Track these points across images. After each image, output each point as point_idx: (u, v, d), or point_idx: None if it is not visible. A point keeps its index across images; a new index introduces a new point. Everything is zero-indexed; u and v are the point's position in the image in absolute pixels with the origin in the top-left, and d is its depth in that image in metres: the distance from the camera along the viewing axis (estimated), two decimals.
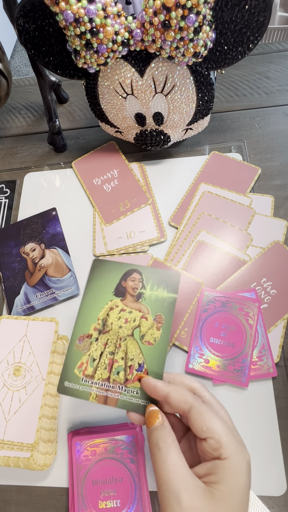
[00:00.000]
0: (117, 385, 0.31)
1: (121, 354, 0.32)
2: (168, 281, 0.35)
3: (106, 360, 0.32)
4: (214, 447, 0.25)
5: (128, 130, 0.49)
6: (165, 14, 0.34)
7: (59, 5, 0.34)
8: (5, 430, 0.35)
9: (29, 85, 0.66)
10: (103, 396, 0.31)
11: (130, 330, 0.33)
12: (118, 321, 0.34)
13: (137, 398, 0.30)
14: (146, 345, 0.32)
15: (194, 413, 0.26)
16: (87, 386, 0.31)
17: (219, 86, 0.58)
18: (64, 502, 0.36)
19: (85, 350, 0.33)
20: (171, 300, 0.34)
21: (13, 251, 0.49)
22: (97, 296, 0.35)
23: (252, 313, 0.40)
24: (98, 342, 0.33)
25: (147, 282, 0.35)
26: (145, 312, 0.34)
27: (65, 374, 0.32)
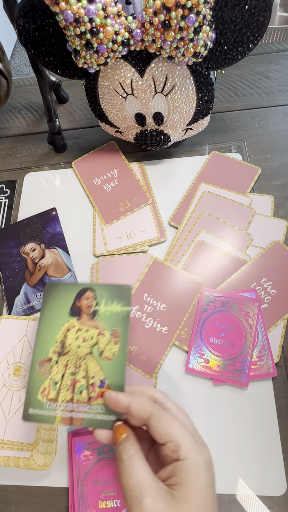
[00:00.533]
0: (81, 405, 0.31)
1: (82, 373, 0.33)
2: (121, 295, 0.35)
3: (68, 381, 0.32)
4: (173, 449, 0.26)
5: (128, 130, 0.49)
6: (165, 14, 0.34)
7: (59, 5, 0.34)
8: (5, 430, 0.35)
9: (29, 85, 0.66)
10: (68, 417, 0.31)
11: (88, 349, 0.34)
12: (76, 341, 0.34)
13: (101, 414, 0.31)
14: (105, 361, 0.33)
15: (153, 419, 0.27)
16: (51, 410, 0.31)
17: (219, 86, 0.58)
18: (64, 502, 0.36)
19: (46, 374, 0.33)
20: (125, 314, 0.34)
21: (13, 251, 0.49)
22: (54, 319, 0.35)
23: (252, 313, 0.40)
24: (58, 364, 0.33)
25: (101, 298, 0.35)
26: (101, 329, 0.34)
27: (29, 401, 0.32)
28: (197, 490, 0.25)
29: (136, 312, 0.42)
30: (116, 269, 0.46)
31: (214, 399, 0.38)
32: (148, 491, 0.25)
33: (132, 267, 0.45)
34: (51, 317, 0.35)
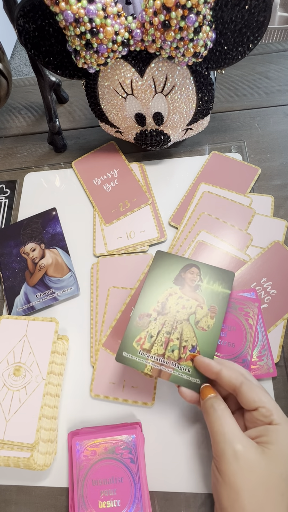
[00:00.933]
0: (171, 362, 0.34)
1: (177, 334, 0.35)
2: (223, 278, 0.38)
3: (162, 338, 0.35)
4: (266, 414, 0.28)
5: (128, 130, 0.49)
6: (165, 14, 0.34)
7: (59, 5, 0.34)
8: (5, 430, 0.35)
9: (29, 85, 0.66)
10: (158, 369, 0.34)
11: (186, 315, 0.36)
12: (176, 306, 0.37)
13: (188, 375, 0.33)
14: (200, 330, 0.35)
15: (246, 387, 0.29)
16: (143, 359, 0.35)
17: (219, 86, 0.58)
18: (64, 502, 0.36)
19: (144, 327, 0.36)
20: (225, 295, 0.38)
21: (13, 251, 0.49)
22: (159, 282, 0.38)
23: (252, 313, 0.40)
24: (157, 321, 0.36)
25: (204, 276, 0.38)
26: (200, 302, 0.37)
27: (124, 346, 0.35)
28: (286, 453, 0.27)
29: None
30: (116, 269, 0.46)
31: None
32: (241, 440, 0.27)
33: (132, 267, 0.45)
34: (156, 280, 0.39)
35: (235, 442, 0.27)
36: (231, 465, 0.26)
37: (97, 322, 0.43)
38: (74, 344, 0.43)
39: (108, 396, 0.39)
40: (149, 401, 0.38)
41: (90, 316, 0.44)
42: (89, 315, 0.44)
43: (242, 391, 0.29)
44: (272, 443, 0.27)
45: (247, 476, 0.26)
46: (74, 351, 0.43)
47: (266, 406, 0.28)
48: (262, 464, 0.26)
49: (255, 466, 0.26)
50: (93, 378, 0.40)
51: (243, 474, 0.26)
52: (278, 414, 0.28)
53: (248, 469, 0.26)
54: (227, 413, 0.29)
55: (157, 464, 0.36)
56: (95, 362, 0.41)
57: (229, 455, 0.26)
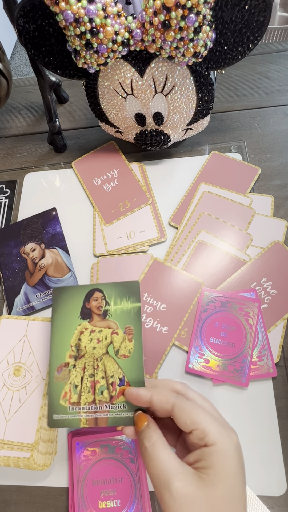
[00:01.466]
0: (104, 404, 0.32)
1: (101, 373, 0.33)
2: (129, 292, 0.36)
3: (87, 383, 0.33)
4: (200, 436, 0.26)
5: (128, 130, 0.49)
6: (165, 14, 0.34)
7: (59, 5, 0.34)
8: (5, 430, 0.35)
9: (29, 85, 0.66)
10: (93, 419, 0.32)
11: (104, 349, 0.34)
12: (91, 342, 0.34)
13: (125, 411, 0.31)
14: (122, 359, 0.33)
15: (177, 410, 0.27)
16: (75, 413, 0.32)
17: (219, 86, 0.58)
18: (64, 502, 0.36)
19: (66, 379, 0.33)
20: (136, 310, 0.35)
21: (13, 251, 0.49)
22: (65, 323, 0.35)
23: (252, 313, 0.40)
24: (76, 368, 0.34)
25: (110, 297, 0.36)
26: (114, 328, 0.34)
27: (52, 408, 0.33)
28: (226, 473, 0.25)
29: None
30: (116, 269, 0.46)
31: (214, 399, 0.38)
32: (176, 474, 0.25)
33: (132, 267, 0.45)
34: (62, 322, 0.36)
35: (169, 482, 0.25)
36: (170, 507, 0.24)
37: None
38: None
39: None
40: None
41: None
42: None
43: (175, 415, 0.27)
44: (209, 467, 0.25)
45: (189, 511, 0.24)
46: None
47: (199, 428, 0.26)
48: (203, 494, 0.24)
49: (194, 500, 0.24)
50: None
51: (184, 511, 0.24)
52: (213, 433, 0.26)
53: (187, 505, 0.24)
54: (158, 448, 0.27)
55: None
56: None
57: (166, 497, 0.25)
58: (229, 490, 0.25)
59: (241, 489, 0.25)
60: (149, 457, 0.26)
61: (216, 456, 0.25)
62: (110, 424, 0.31)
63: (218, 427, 0.26)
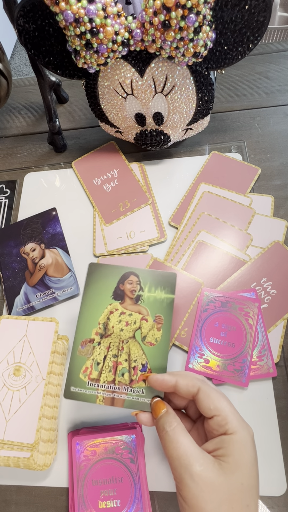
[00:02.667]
0: (123, 386, 0.32)
1: (125, 356, 0.33)
2: (165, 282, 0.36)
3: (110, 363, 0.33)
4: (221, 423, 0.27)
5: (128, 130, 0.49)
6: (165, 14, 0.34)
7: (59, 5, 0.34)
8: (5, 430, 0.35)
9: (29, 85, 0.66)
10: (110, 397, 0.32)
11: (131, 333, 0.34)
12: (119, 324, 0.35)
13: (143, 397, 0.32)
14: (148, 346, 0.33)
15: (202, 394, 0.28)
16: (93, 390, 0.33)
17: (219, 86, 0.58)
18: (64, 502, 0.36)
19: (89, 354, 0.34)
20: (169, 301, 0.35)
21: (13, 251, 0.49)
22: (96, 300, 0.36)
23: (252, 313, 0.40)
24: (101, 346, 0.34)
25: (145, 284, 0.36)
26: (144, 314, 0.35)
27: (71, 380, 0.33)
28: (244, 462, 0.26)
29: None
30: None
31: None
32: (197, 459, 0.26)
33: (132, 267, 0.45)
34: (93, 299, 0.36)
35: (190, 465, 0.26)
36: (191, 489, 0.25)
37: None
38: None
39: None
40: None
41: None
42: None
43: (199, 399, 0.28)
44: (228, 455, 0.26)
45: (208, 496, 0.25)
46: None
47: (221, 414, 0.27)
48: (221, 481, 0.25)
49: (215, 485, 0.25)
50: None
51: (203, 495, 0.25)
52: (234, 422, 0.27)
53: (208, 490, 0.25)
54: (179, 433, 0.28)
55: (157, 464, 0.36)
56: None
57: (186, 479, 0.25)
58: (246, 479, 0.26)
59: (256, 479, 0.27)
60: (170, 441, 0.27)
61: (235, 445, 0.26)
62: (126, 406, 0.32)
63: (238, 418, 0.28)
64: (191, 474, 0.25)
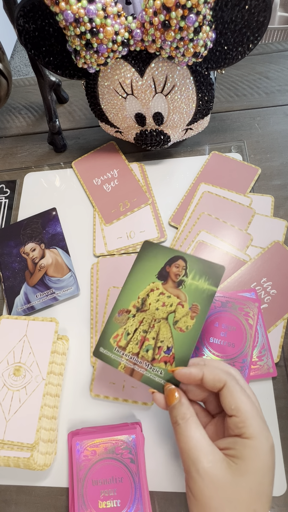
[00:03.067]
0: (144, 362, 0.33)
1: (153, 334, 0.34)
2: (211, 273, 0.35)
3: (138, 336, 0.34)
4: (238, 425, 0.27)
5: (128, 130, 0.49)
6: (165, 14, 0.34)
7: (59, 5, 0.34)
8: (5, 430, 0.35)
9: (29, 85, 0.66)
10: (130, 368, 0.34)
11: (165, 314, 0.35)
12: (156, 303, 0.35)
13: (160, 377, 0.32)
14: (177, 331, 0.34)
15: (226, 391, 0.28)
16: (118, 356, 0.34)
17: (219, 86, 0.58)
18: (64, 502, 0.36)
19: (122, 323, 0.35)
20: (210, 293, 0.34)
21: (13, 251, 0.49)
22: (142, 276, 0.37)
23: (252, 313, 0.40)
24: (135, 319, 0.35)
25: (190, 270, 0.36)
26: (182, 300, 0.35)
27: (102, 341, 0.35)
28: (256, 469, 0.26)
29: None
30: (116, 269, 0.46)
31: None
32: (206, 455, 0.26)
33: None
34: (140, 274, 0.37)
35: (198, 460, 0.26)
36: (197, 483, 0.25)
37: (97, 322, 0.43)
38: (74, 344, 0.43)
39: (108, 396, 0.39)
40: (149, 401, 0.38)
41: (90, 316, 0.44)
42: (89, 315, 0.44)
43: (222, 395, 0.28)
44: (239, 458, 0.26)
45: (213, 493, 0.25)
46: (74, 351, 0.43)
47: (240, 416, 0.27)
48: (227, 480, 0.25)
49: (221, 483, 0.25)
50: (93, 378, 0.40)
51: (209, 491, 0.25)
52: (253, 427, 0.26)
53: (213, 487, 0.25)
54: (191, 426, 0.27)
55: (157, 464, 0.36)
56: (95, 362, 0.41)
57: (193, 473, 0.26)
58: (255, 485, 0.25)
59: (269, 487, 0.26)
60: (182, 433, 0.27)
61: (249, 450, 0.26)
62: (143, 381, 0.33)
63: (259, 423, 0.27)
64: (198, 469, 0.25)
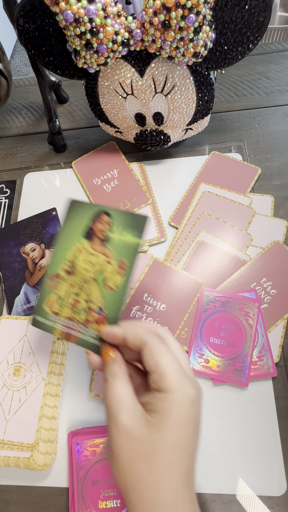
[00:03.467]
0: (79, 325, 0.33)
1: (84, 296, 0.33)
2: (135, 224, 0.34)
3: (70, 300, 0.34)
4: (156, 380, 0.27)
5: (128, 130, 0.49)
6: (165, 14, 0.34)
7: (59, 5, 0.34)
8: (5, 430, 0.35)
9: (29, 85, 0.66)
10: (66, 333, 0.33)
11: (94, 274, 0.34)
12: (85, 263, 0.34)
13: (95, 339, 0.32)
14: (107, 290, 0.33)
15: (146, 349, 0.28)
16: (53, 322, 0.34)
17: (219, 86, 0.58)
18: (64, 502, 0.36)
19: (54, 289, 0.34)
20: (135, 246, 0.33)
21: (13, 251, 0.49)
22: (69, 237, 0.35)
23: (252, 313, 0.40)
24: (65, 282, 0.34)
25: (115, 224, 0.34)
26: (109, 257, 0.34)
27: (37, 309, 0.34)
28: (172, 422, 0.25)
29: (136, 312, 0.42)
30: None
31: (214, 399, 0.38)
32: (125, 410, 0.26)
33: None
34: (67, 235, 0.35)
35: (117, 415, 0.26)
36: (114, 437, 0.26)
37: None
38: None
39: None
40: None
41: None
42: None
43: (142, 354, 0.28)
44: (155, 412, 0.26)
45: (128, 445, 0.25)
46: (74, 351, 0.43)
47: (158, 372, 0.26)
48: (144, 433, 0.25)
49: (136, 436, 0.25)
50: (93, 378, 0.40)
51: (124, 443, 0.25)
52: (171, 381, 0.26)
53: (129, 439, 0.25)
54: (118, 383, 0.27)
55: None
56: None
57: (112, 427, 0.26)
58: (172, 438, 0.25)
59: (189, 441, 0.26)
60: (108, 389, 0.27)
61: (166, 403, 0.26)
62: (79, 343, 0.32)
63: (178, 377, 0.27)
64: (117, 423, 0.26)
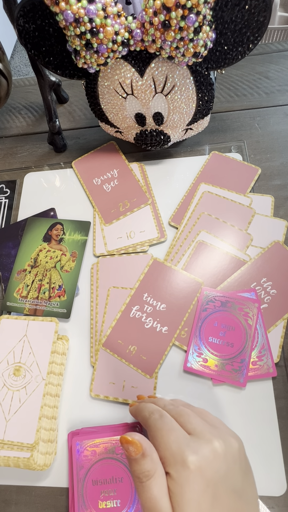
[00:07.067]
0: (43, 301, 0.44)
1: (47, 280, 0.45)
2: (81, 228, 0.49)
3: (36, 285, 0.45)
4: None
5: (128, 130, 0.49)
6: (165, 14, 0.34)
7: (59, 5, 0.34)
8: (5, 430, 0.35)
9: (29, 85, 0.66)
10: (33, 309, 0.44)
11: (53, 264, 0.46)
12: (45, 258, 0.47)
13: (57, 308, 0.44)
14: (64, 273, 0.46)
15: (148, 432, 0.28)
16: (22, 304, 0.45)
17: (219, 86, 0.58)
18: (64, 502, 0.36)
19: (22, 280, 0.46)
20: (83, 241, 0.48)
21: (12, 252, 0.49)
22: (31, 242, 0.49)
23: (252, 313, 0.40)
24: (31, 273, 0.46)
25: (67, 230, 0.49)
26: (64, 251, 0.47)
27: (7, 297, 0.45)
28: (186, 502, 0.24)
29: (136, 312, 0.42)
30: (116, 269, 0.46)
31: (214, 399, 0.38)
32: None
33: (132, 267, 0.45)
34: (29, 241, 0.49)
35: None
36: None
37: (97, 322, 0.43)
38: (74, 344, 0.43)
39: (108, 396, 0.39)
40: None
41: (90, 316, 0.44)
42: (89, 315, 0.44)
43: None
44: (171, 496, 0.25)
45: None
46: (74, 351, 0.43)
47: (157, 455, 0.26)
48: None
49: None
50: (93, 378, 0.40)
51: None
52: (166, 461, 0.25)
53: None
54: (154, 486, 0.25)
55: None
56: (95, 362, 0.41)
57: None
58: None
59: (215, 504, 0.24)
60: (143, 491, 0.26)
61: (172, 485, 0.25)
62: (45, 314, 0.44)
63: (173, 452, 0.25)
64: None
